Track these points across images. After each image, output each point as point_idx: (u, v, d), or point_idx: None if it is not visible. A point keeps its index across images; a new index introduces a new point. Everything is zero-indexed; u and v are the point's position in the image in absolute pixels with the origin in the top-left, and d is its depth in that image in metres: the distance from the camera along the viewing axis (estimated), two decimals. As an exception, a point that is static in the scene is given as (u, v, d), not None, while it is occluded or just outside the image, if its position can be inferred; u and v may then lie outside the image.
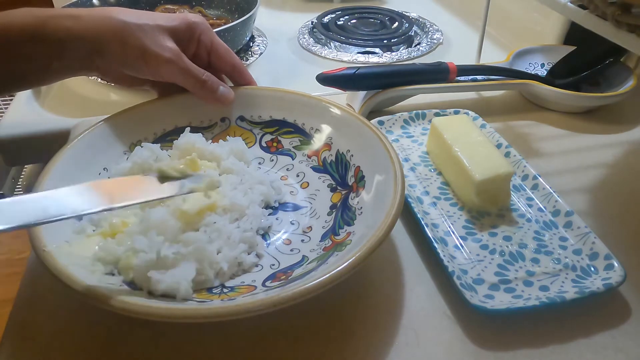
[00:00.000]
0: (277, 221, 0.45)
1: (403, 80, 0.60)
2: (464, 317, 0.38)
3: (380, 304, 0.39)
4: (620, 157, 0.55)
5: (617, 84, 0.62)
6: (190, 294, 0.36)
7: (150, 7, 0.83)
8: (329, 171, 0.48)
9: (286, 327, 0.37)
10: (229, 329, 0.37)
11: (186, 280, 0.36)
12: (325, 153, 0.49)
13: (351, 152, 0.47)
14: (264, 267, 0.40)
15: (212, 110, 0.52)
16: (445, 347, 0.36)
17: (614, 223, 0.46)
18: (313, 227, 0.44)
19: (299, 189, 0.48)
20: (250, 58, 0.72)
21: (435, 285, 0.41)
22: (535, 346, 0.36)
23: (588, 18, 0.45)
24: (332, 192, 0.46)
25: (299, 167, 0.50)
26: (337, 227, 0.42)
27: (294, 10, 0.96)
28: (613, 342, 0.36)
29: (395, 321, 0.38)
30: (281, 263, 0.40)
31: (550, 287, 0.38)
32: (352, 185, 0.46)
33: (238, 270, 0.39)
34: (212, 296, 0.37)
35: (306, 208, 0.46)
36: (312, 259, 0.40)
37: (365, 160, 0.46)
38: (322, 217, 0.44)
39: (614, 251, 0.40)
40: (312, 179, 0.48)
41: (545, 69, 0.68)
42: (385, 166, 0.42)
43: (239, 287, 0.38)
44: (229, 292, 0.37)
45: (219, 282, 0.38)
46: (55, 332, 0.37)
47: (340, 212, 0.44)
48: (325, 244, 0.41)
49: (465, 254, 0.42)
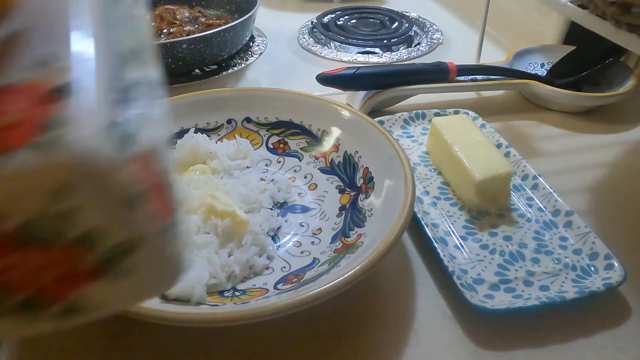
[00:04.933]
0: (286, 223, 0.44)
1: (403, 80, 0.60)
2: (464, 317, 0.38)
3: (380, 303, 0.39)
4: (620, 157, 0.55)
5: (617, 84, 0.62)
6: (205, 298, 0.36)
7: (150, 7, 0.83)
8: (337, 172, 0.48)
9: (286, 328, 0.37)
10: (231, 329, 0.37)
11: (200, 283, 0.36)
12: (332, 154, 0.49)
13: (359, 153, 0.47)
14: (275, 270, 0.40)
15: (218, 112, 0.52)
16: (445, 347, 0.36)
17: (614, 223, 0.46)
18: (323, 228, 0.43)
19: (307, 190, 0.48)
20: (250, 58, 0.72)
21: (435, 285, 0.41)
22: (535, 346, 0.36)
23: (588, 18, 0.45)
24: (341, 194, 0.46)
25: (307, 168, 0.50)
26: (347, 228, 0.42)
27: (294, 10, 0.96)
28: (613, 342, 0.36)
29: (395, 321, 0.38)
30: (292, 265, 0.40)
31: (550, 287, 0.38)
32: (360, 186, 0.45)
33: (250, 273, 0.39)
34: (224, 299, 0.37)
35: (315, 210, 0.46)
36: (323, 261, 0.40)
37: (373, 162, 0.45)
38: (332, 218, 0.44)
39: (614, 251, 0.40)
40: (320, 180, 0.48)
41: (545, 69, 0.68)
42: (395, 168, 0.42)
43: (251, 290, 0.38)
44: (241, 295, 0.37)
45: (230, 286, 0.38)
46: (55, 332, 0.37)
47: (350, 214, 0.44)
48: (335, 245, 0.41)
49: (465, 253, 0.42)
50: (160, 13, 0.80)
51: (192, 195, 0.42)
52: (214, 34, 0.64)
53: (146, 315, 0.31)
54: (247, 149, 0.48)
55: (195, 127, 0.51)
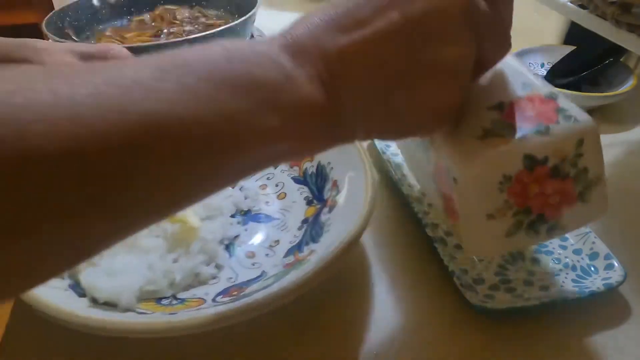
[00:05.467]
0: (245, 232, 0.43)
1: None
2: (464, 317, 0.38)
3: (379, 304, 0.39)
4: (620, 157, 0.55)
5: (617, 84, 0.62)
6: (133, 305, 0.35)
7: (150, 7, 0.83)
8: (307, 183, 0.47)
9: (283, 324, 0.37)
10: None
11: (130, 290, 0.35)
12: (307, 164, 0.48)
13: (332, 164, 0.46)
14: (220, 280, 0.39)
15: None
16: (445, 347, 0.36)
17: (614, 223, 0.46)
18: (280, 240, 0.42)
19: (275, 199, 0.47)
20: (250, 58, 0.72)
21: (435, 285, 0.41)
22: (535, 346, 0.36)
23: (588, 18, 0.45)
24: (308, 206, 0.45)
25: (280, 176, 0.48)
26: (303, 243, 0.41)
27: (294, 10, 0.96)
28: (613, 342, 0.36)
29: (395, 321, 0.38)
30: (239, 277, 0.39)
31: (550, 287, 0.38)
32: (327, 199, 0.44)
33: (194, 281, 0.38)
34: (158, 307, 0.36)
35: (278, 220, 0.44)
36: (270, 275, 0.38)
37: (343, 174, 0.44)
38: (292, 231, 0.43)
39: (614, 251, 0.40)
40: (291, 190, 0.47)
41: (545, 69, 0.68)
42: (358, 185, 0.41)
43: (189, 299, 0.37)
44: (178, 304, 0.36)
45: (171, 293, 0.37)
46: (55, 332, 0.37)
47: (310, 228, 0.42)
48: (287, 260, 0.40)
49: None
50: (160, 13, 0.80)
51: None
52: (214, 34, 0.64)
53: (64, 321, 0.31)
54: None
55: None
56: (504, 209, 0.29)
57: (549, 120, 0.28)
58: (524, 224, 0.30)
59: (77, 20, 0.76)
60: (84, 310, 0.33)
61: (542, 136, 0.28)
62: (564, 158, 0.29)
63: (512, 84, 0.30)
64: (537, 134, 0.28)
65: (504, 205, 0.29)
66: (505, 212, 0.30)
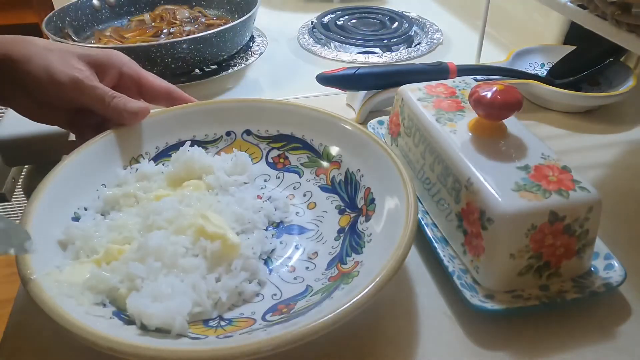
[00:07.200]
0: (280, 245, 0.42)
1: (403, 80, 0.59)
2: (464, 317, 0.38)
3: (379, 304, 0.39)
4: (620, 157, 0.55)
5: (617, 83, 0.62)
6: (186, 329, 0.34)
7: (150, 7, 0.83)
8: (337, 191, 0.46)
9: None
10: None
11: (181, 314, 0.34)
12: (334, 172, 0.47)
13: (361, 171, 0.45)
14: (265, 297, 0.38)
15: (217, 123, 0.50)
16: (445, 347, 0.36)
17: (614, 223, 0.46)
18: (319, 252, 0.41)
19: (306, 209, 0.45)
20: (250, 58, 0.72)
21: (435, 285, 0.41)
22: (535, 346, 0.36)
23: (588, 18, 0.45)
24: (341, 215, 0.44)
25: (307, 185, 0.47)
26: (345, 254, 0.40)
27: (294, 10, 0.96)
28: (613, 342, 0.36)
29: (394, 321, 0.38)
30: (284, 293, 0.38)
31: (550, 287, 0.38)
32: (361, 208, 0.43)
33: (238, 300, 0.37)
34: (208, 330, 0.35)
35: (312, 231, 0.43)
36: (316, 290, 0.38)
37: (376, 182, 0.43)
38: (329, 242, 0.42)
39: (614, 251, 0.40)
40: (320, 199, 0.46)
41: (545, 69, 0.68)
42: (397, 190, 0.40)
43: (237, 319, 0.36)
44: (227, 325, 0.35)
45: (217, 314, 0.36)
46: (55, 333, 0.37)
47: (348, 238, 0.42)
48: (331, 272, 0.39)
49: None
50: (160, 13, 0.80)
51: (183, 213, 0.40)
52: (214, 34, 0.64)
53: (117, 351, 0.29)
54: (245, 163, 0.47)
55: (193, 139, 0.49)
56: (523, 251, 0.36)
57: (568, 187, 0.37)
58: (534, 266, 0.37)
59: (77, 20, 0.76)
60: (147, 340, 0.32)
61: (564, 199, 0.36)
62: (576, 219, 0.36)
63: (534, 150, 0.40)
64: (560, 196, 0.36)
65: (525, 248, 0.36)
66: (523, 254, 0.36)
